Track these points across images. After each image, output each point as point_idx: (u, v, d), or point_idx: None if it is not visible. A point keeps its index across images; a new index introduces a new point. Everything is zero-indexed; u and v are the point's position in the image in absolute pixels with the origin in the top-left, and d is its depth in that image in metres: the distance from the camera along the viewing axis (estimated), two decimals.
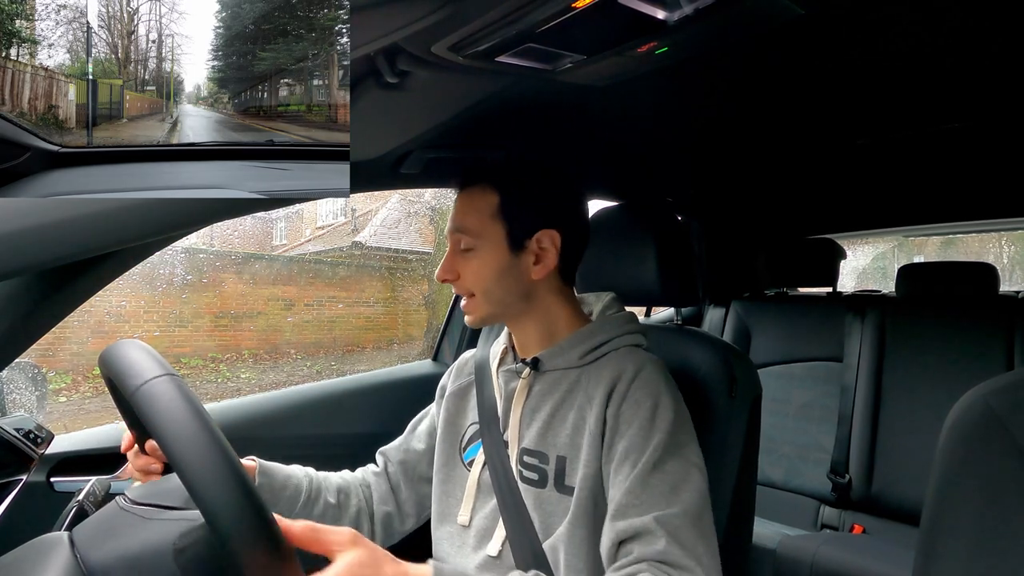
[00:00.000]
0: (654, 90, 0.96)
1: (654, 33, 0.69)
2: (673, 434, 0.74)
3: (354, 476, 0.95)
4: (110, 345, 0.56)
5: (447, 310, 1.61)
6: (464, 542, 0.84)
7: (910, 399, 1.66)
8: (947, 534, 0.54)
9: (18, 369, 0.96)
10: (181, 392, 0.50)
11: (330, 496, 0.88)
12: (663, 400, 0.76)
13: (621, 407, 0.76)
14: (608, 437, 0.76)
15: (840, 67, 0.92)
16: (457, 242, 0.83)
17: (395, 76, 0.71)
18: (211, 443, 0.47)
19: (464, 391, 0.95)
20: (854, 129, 1.26)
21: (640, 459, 0.73)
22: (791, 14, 0.68)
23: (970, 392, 0.57)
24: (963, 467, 0.55)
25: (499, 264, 0.82)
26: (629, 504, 0.71)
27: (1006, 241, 5.03)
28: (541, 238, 0.83)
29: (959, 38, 0.83)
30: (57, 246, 0.59)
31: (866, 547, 1.48)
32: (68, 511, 0.71)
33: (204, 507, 0.46)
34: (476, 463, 0.86)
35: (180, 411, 0.48)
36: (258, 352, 2.20)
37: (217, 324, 2.36)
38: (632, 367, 0.79)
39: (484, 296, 0.83)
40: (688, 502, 0.71)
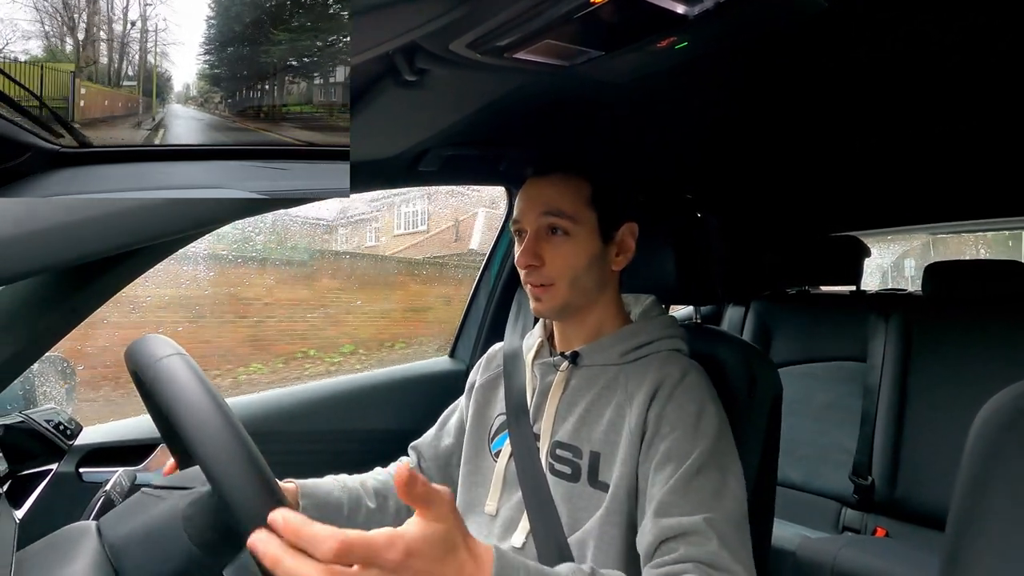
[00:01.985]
0: (673, 86, 0.95)
1: (674, 28, 0.68)
2: (717, 441, 0.74)
3: (387, 474, 0.95)
4: (135, 340, 0.57)
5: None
6: (490, 532, 0.85)
7: (936, 400, 1.62)
8: (974, 539, 0.53)
9: (48, 362, 0.98)
10: (189, 368, 0.53)
11: (370, 502, 0.88)
12: (708, 407, 0.77)
13: (665, 409, 0.76)
14: (648, 437, 0.76)
15: (864, 61, 0.90)
16: (547, 226, 0.83)
17: (413, 74, 0.72)
18: (215, 409, 0.50)
19: (493, 383, 0.95)
20: (878, 125, 1.23)
21: (684, 463, 0.72)
22: (815, 8, 0.67)
23: (1000, 393, 0.56)
24: (992, 470, 0.54)
25: (591, 251, 0.83)
26: (673, 503, 0.70)
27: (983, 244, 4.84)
28: (625, 230, 0.86)
29: (982, 34, 0.81)
30: (75, 245, 0.59)
31: (889, 551, 1.45)
32: (95, 501, 0.73)
33: (210, 474, 0.48)
34: (503, 454, 0.87)
35: (189, 385, 0.51)
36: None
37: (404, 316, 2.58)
38: (678, 371, 0.79)
39: (570, 284, 0.83)
40: (731, 509, 0.71)
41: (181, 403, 0.50)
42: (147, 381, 0.53)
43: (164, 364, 0.53)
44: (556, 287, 0.83)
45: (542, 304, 0.84)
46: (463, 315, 1.58)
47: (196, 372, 0.52)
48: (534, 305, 0.85)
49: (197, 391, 0.50)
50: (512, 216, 0.88)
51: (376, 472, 0.96)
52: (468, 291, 1.57)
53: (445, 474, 0.96)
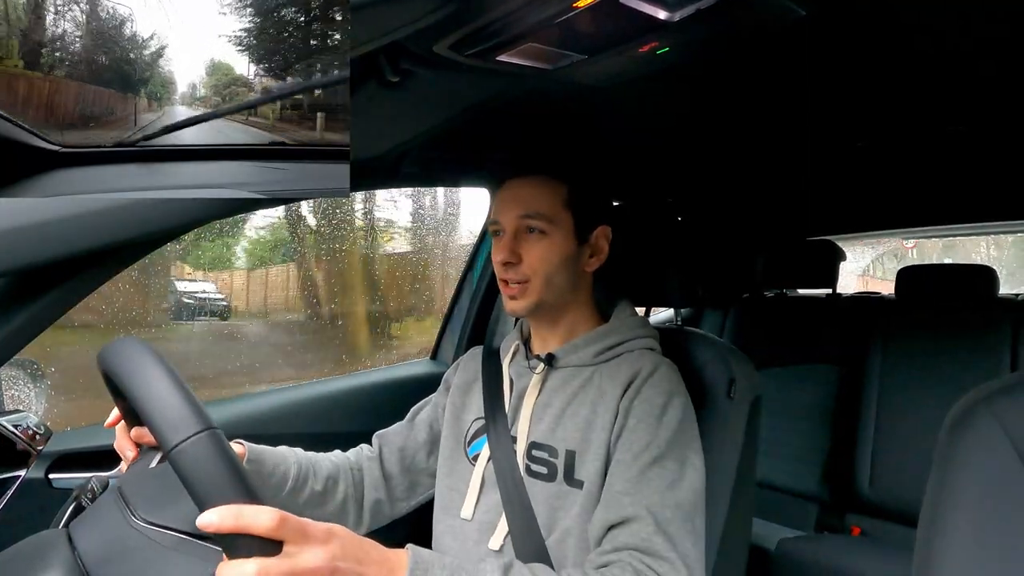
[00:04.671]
0: (655, 90, 0.96)
1: (656, 33, 0.69)
2: (678, 433, 0.76)
3: (345, 459, 0.95)
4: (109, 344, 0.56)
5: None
6: (466, 536, 0.85)
7: (910, 401, 1.66)
8: (944, 535, 0.54)
9: (17, 366, 0.96)
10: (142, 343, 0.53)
11: (317, 484, 0.87)
12: (674, 400, 0.78)
13: (634, 402, 0.78)
14: (616, 430, 0.78)
15: (841, 69, 0.92)
16: (523, 226, 0.84)
17: (397, 75, 0.71)
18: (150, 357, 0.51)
19: (469, 386, 0.95)
20: (855, 131, 1.26)
21: (642, 452, 0.74)
22: (793, 15, 0.68)
23: (969, 394, 0.57)
24: (960, 468, 0.55)
25: (566, 252, 0.84)
26: (624, 492, 0.73)
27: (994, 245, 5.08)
28: (599, 233, 0.87)
29: (958, 42, 0.83)
30: (56, 244, 0.59)
31: (865, 549, 1.48)
32: (66, 508, 0.71)
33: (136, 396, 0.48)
34: (481, 458, 0.87)
35: (135, 350, 0.52)
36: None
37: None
38: (649, 366, 0.81)
39: (544, 282, 0.84)
40: (682, 499, 0.72)
41: (123, 360, 0.51)
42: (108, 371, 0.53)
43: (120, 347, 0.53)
44: (531, 284, 0.84)
45: (516, 302, 0.85)
46: (445, 317, 1.58)
47: (147, 346, 0.52)
48: (508, 304, 0.86)
49: (139, 352, 0.51)
50: (490, 217, 0.89)
51: (334, 454, 0.95)
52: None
53: (407, 468, 0.96)
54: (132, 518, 0.55)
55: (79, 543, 0.53)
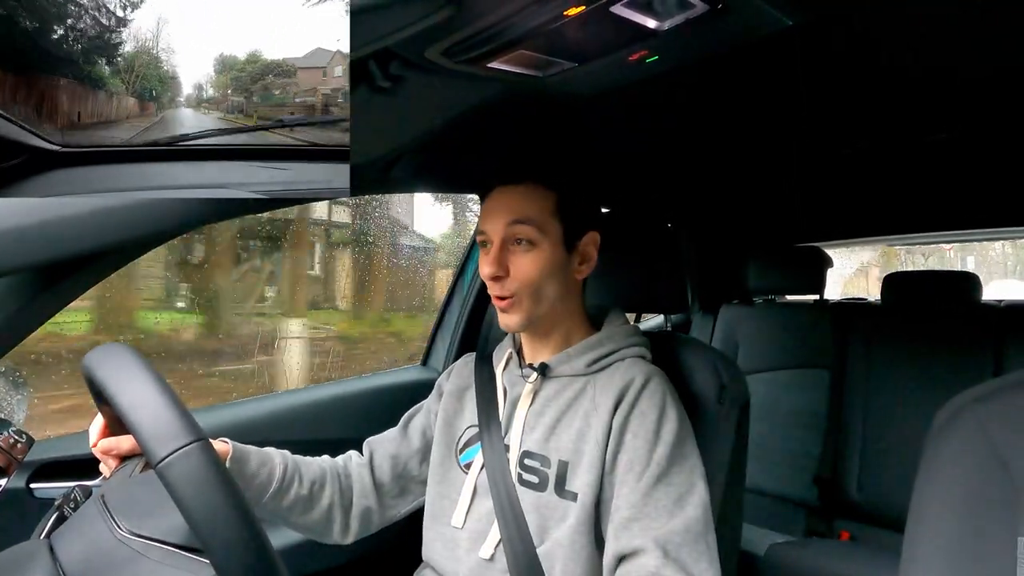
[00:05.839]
0: (644, 98, 0.97)
1: (645, 42, 0.70)
2: (677, 446, 0.76)
3: (334, 464, 0.93)
4: (93, 350, 0.55)
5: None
6: (457, 543, 0.84)
7: (896, 406, 1.67)
8: (929, 540, 0.55)
9: None
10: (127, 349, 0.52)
11: (302, 489, 0.86)
12: (668, 412, 0.78)
13: (628, 417, 0.78)
14: (612, 446, 0.77)
15: (827, 77, 0.94)
16: (512, 236, 0.82)
17: (387, 80, 0.71)
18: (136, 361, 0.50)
19: (462, 393, 0.94)
20: (840, 138, 1.28)
21: (644, 471, 0.74)
22: (780, 25, 0.69)
23: (953, 400, 0.58)
24: (945, 474, 0.56)
25: (555, 262, 0.83)
26: (632, 518, 0.72)
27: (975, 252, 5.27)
28: (588, 240, 0.86)
29: (943, 50, 0.85)
30: (56, 244, 0.58)
31: (853, 553, 1.49)
32: (48, 518, 0.70)
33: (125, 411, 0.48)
34: (474, 466, 0.86)
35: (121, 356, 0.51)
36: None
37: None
38: (640, 377, 0.80)
39: (534, 295, 0.82)
40: (691, 517, 0.72)
41: (109, 368, 0.50)
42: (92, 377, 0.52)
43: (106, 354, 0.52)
44: (519, 299, 0.82)
45: (509, 317, 0.84)
46: (435, 323, 1.57)
47: (133, 352, 0.52)
48: (502, 319, 0.85)
49: (125, 359, 0.51)
50: (477, 227, 0.88)
51: (322, 459, 0.93)
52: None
53: (398, 475, 0.94)
54: (116, 529, 0.54)
55: (61, 554, 0.52)
